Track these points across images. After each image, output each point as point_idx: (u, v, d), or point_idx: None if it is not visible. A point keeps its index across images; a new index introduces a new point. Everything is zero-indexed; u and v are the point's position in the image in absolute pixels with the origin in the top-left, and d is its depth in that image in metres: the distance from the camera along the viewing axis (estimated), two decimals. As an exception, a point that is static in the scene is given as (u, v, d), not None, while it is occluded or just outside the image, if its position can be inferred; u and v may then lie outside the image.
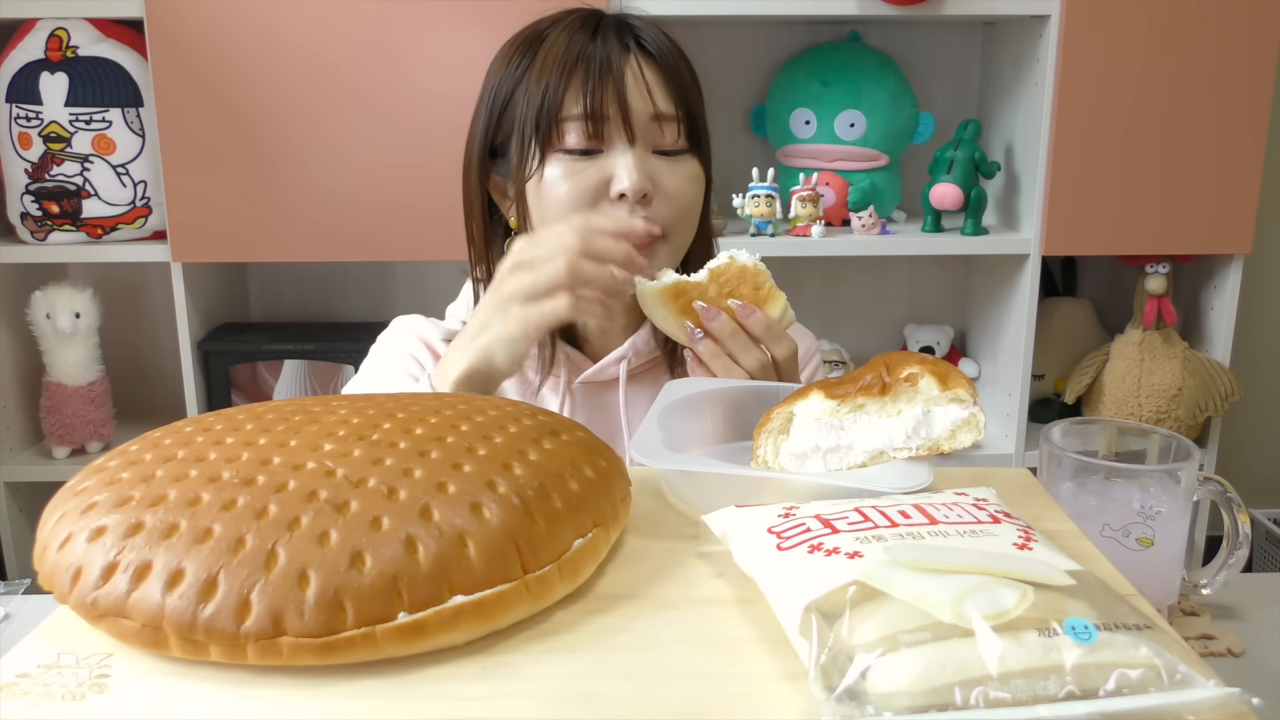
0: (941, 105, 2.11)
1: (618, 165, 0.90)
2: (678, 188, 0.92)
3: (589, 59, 0.90)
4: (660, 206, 0.91)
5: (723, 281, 0.84)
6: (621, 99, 0.89)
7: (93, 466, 0.52)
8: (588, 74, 0.89)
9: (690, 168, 0.94)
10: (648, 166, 0.90)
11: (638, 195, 0.89)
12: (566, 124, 0.90)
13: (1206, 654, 0.88)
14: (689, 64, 0.96)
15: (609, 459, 0.57)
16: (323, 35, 1.75)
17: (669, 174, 0.92)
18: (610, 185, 0.90)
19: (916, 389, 0.61)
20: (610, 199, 0.90)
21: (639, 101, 0.90)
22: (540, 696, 0.43)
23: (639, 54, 0.92)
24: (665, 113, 0.91)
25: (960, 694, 0.37)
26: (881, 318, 2.24)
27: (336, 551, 0.44)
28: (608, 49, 0.90)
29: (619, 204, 0.90)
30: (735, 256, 0.84)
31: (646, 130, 0.91)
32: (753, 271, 0.84)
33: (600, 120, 0.89)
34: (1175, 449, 0.81)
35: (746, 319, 0.83)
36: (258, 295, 2.18)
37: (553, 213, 0.91)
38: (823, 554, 0.45)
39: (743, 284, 0.84)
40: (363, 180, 1.80)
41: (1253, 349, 2.23)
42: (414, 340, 1.02)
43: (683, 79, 0.93)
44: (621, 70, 0.90)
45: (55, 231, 1.84)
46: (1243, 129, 1.83)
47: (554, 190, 0.90)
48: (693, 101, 0.94)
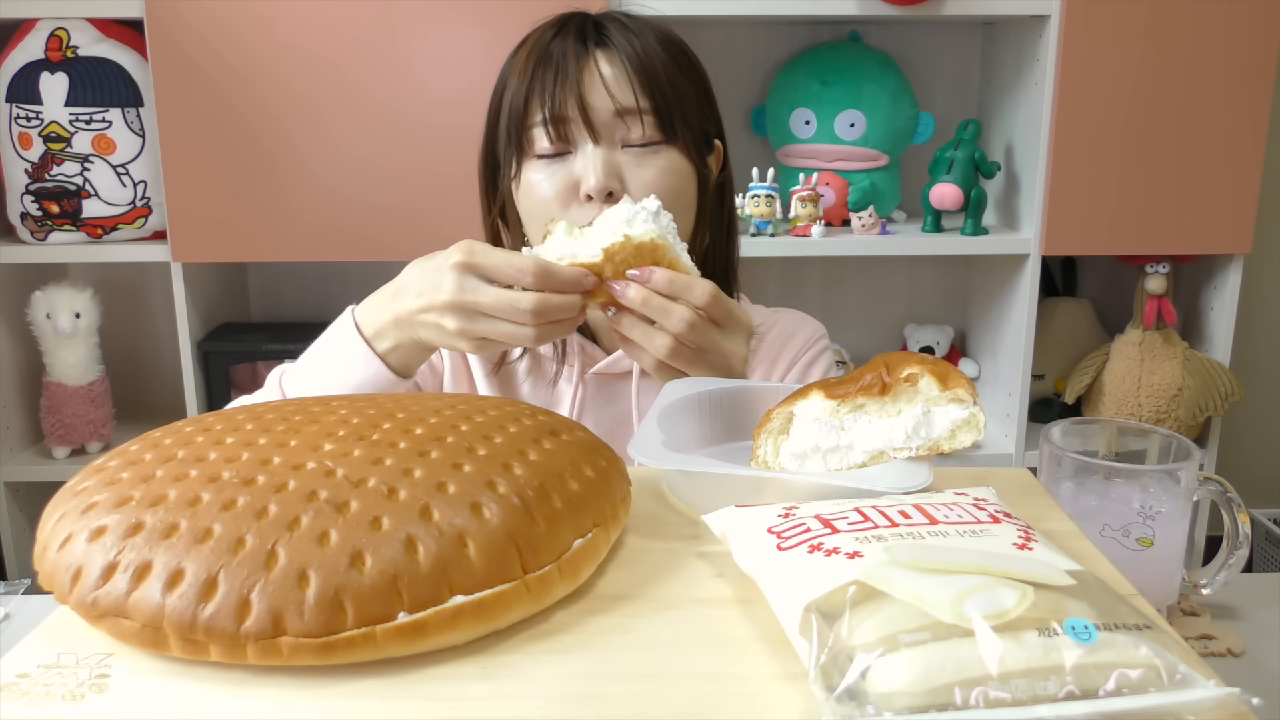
0: (941, 105, 2.11)
1: (582, 166, 0.90)
2: (648, 181, 0.91)
3: (547, 61, 0.91)
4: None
5: (618, 261, 0.76)
6: (581, 99, 0.89)
7: (93, 466, 0.52)
8: (545, 78, 0.90)
9: (665, 159, 0.92)
10: (613, 164, 0.90)
11: (602, 194, 0.89)
12: (534, 130, 0.91)
13: (1206, 654, 0.88)
14: (676, 53, 0.94)
15: (609, 459, 0.57)
16: (323, 35, 1.75)
17: (637, 168, 0.91)
18: (579, 186, 0.90)
19: (916, 389, 0.61)
20: (580, 200, 0.90)
21: (599, 99, 0.90)
22: (540, 696, 0.43)
23: (599, 50, 0.91)
24: (627, 106, 0.90)
25: (960, 694, 0.37)
26: (881, 318, 2.24)
27: (336, 551, 0.44)
28: (565, 49, 0.91)
29: (589, 205, 0.89)
30: (629, 235, 0.76)
31: (611, 126, 0.90)
32: (649, 248, 0.76)
33: (562, 123, 0.90)
34: (1175, 449, 0.81)
35: (649, 280, 0.76)
36: (258, 295, 2.18)
37: (531, 217, 0.93)
38: (823, 554, 0.45)
39: (640, 260, 0.76)
40: (363, 180, 1.80)
41: (1253, 349, 2.23)
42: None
43: (651, 69, 0.91)
44: (579, 71, 0.90)
45: (55, 231, 1.84)
46: (1242, 129, 1.83)
47: (531, 195, 0.92)
48: (665, 91, 0.91)
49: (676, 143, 0.93)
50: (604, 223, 0.78)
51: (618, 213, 0.77)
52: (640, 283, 0.76)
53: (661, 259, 0.76)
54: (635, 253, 0.76)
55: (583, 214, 0.90)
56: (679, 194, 0.93)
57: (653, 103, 0.91)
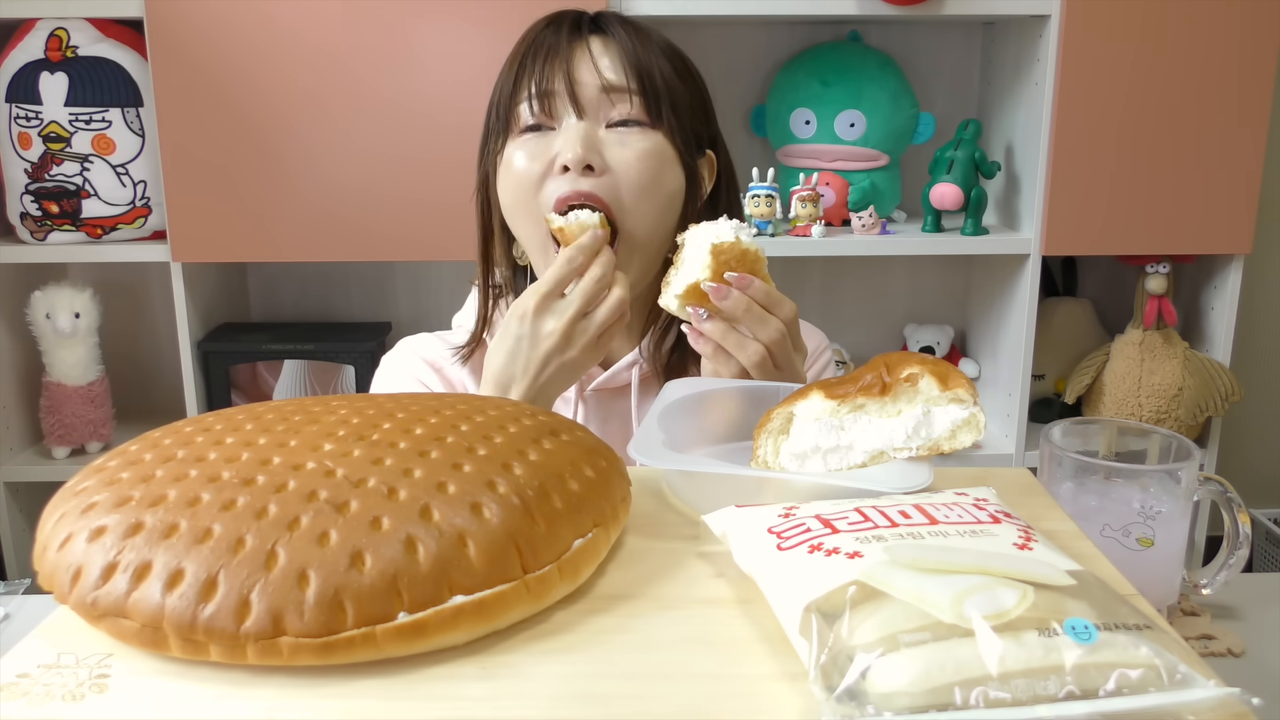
0: (941, 105, 2.11)
1: (563, 139, 0.90)
2: (627, 160, 0.90)
3: (539, 45, 0.92)
4: (608, 180, 0.89)
5: (721, 260, 0.79)
6: (569, 75, 0.90)
7: (92, 466, 0.52)
8: (535, 57, 0.91)
9: (648, 141, 0.91)
10: (594, 139, 0.90)
11: (579, 166, 0.88)
12: (519, 106, 0.91)
13: (1206, 654, 0.88)
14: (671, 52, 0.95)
15: (609, 459, 0.57)
16: (323, 35, 1.75)
17: (619, 146, 0.90)
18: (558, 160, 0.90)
19: (916, 389, 0.61)
20: (555, 173, 0.90)
21: (586, 75, 0.90)
22: (540, 696, 0.43)
23: (592, 35, 0.92)
24: (614, 83, 0.90)
25: (960, 694, 0.37)
26: (881, 318, 2.24)
27: (336, 551, 0.44)
28: (559, 35, 0.92)
29: (564, 176, 0.89)
30: (740, 237, 0.79)
31: (597, 104, 0.90)
32: (753, 256, 0.80)
33: (547, 97, 0.90)
34: (1175, 449, 0.81)
35: (748, 289, 0.79)
36: (258, 295, 2.18)
37: (509, 190, 0.92)
38: (823, 554, 0.45)
39: (741, 265, 0.80)
40: (362, 180, 1.80)
41: (1253, 349, 2.23)
42: (417, 362, 1.02)
43: (640, 55, 0.91)
44: (570, 50, 0.91)
45: (55, 231, 1.84)
46: (1242, 129, 1.83)
47: (510, 169, 0.92)
48: (652, 74, 0.91)
49: (662, 127, 0.92)
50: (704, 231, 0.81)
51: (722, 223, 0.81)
52: (740, 289, 0.79)
53: (758, 271, 0.80)
54: (740, 257, 0.79)
55: (558, 185, 0.89)
56: (658, 178, 0.91)
57: (641, 84, 0.91)
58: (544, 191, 0.90)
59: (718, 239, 0.79)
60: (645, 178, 0.90)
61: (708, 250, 0.79)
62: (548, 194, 0.90)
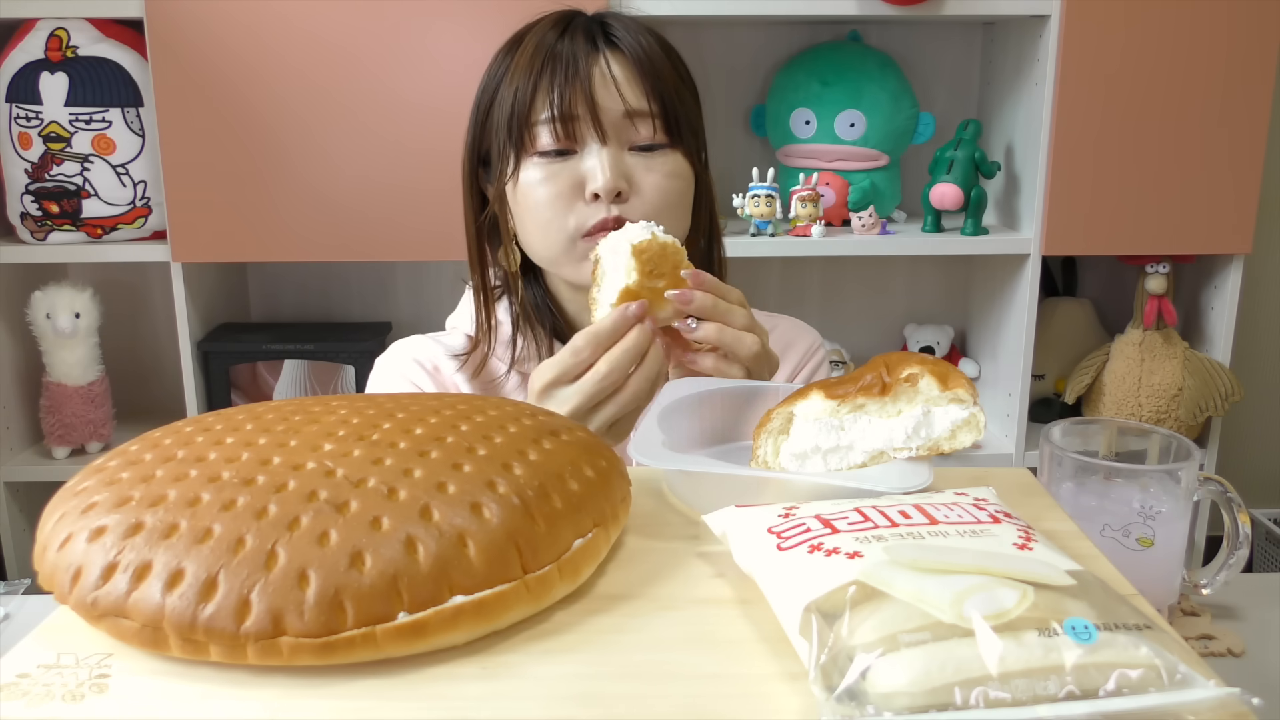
0: (941, 105, 2.11)
1: (590, 165, 0.89)
2: (655, 184, 0.91)
3: (556, 59, 0.90)
4: (637, 204, 0.90)
5: (645, 260, 0.77)
6: (590, 98, 0.89)
7: (92, 466, 0.52)
8: (554, 75, 0.89)
9: (671, 162, 0.92)
10: (622, 165, 0.90)
11: (611, 194, 0.88)
12: (538, 127, 0.90)
13: (1206, 654, 0.88)
14: (673, 57, 0.95)
15: (609, 459, 0.57)
16: (323, 35, 1.75)
17: (645, 170, 0.91)
18: (585, 186, 0.89)
19: (916, 389, 0.61)
20: (585, 200, 0.90)
21: (608, 99, 0.89)
22: (540, 696, 0.43)
23: (608, 50, 0.91)
24: (637, 108, 0.90)
25: (960, 694, 0.37)
26: (881, 318, 2.24)
27: (336, 551, 0.44)
28: (575, 48, 0.90)
29: (595, 204, 0.89)
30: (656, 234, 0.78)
31: (619, 128, 0.90)
32: (673, 249, 0.78)
33: (570, 121, 0.89)
34: (1175, 449, 0.81)
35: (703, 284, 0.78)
36: (258, 295, 2.18)
37: (531, 216, 0.91)
38: (823, 554, 0.45)
39: (663, 263, 0.78)
40: (363, 180, 1.80)
41: (1253, 349, 2.23)
42: (410, 364, 1.01)
43: (658, 72, 0.91)
44: (589, 69, 0.89)
45: (55, 231, 1.84)
46: (1242, 129, 1.83)
47: (531, 194, 0.91)
48: (670, 94, 0.92)
49: (680, 146, 0.93)
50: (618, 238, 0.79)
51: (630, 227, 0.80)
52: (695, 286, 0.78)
53: (681, 264, 0.79)
54: (661, 252, 0.78)
55: (587, 214, 0.89)
56: (683, 197, 0.94)
57: (661, 106, 0.91)
58: (572, 216, 0.90)
59: (636, 240, 0.78)
60: (672, 198, 0.92)
61: (629, 254, 0.77)
62: (577, 219, 0.90)
